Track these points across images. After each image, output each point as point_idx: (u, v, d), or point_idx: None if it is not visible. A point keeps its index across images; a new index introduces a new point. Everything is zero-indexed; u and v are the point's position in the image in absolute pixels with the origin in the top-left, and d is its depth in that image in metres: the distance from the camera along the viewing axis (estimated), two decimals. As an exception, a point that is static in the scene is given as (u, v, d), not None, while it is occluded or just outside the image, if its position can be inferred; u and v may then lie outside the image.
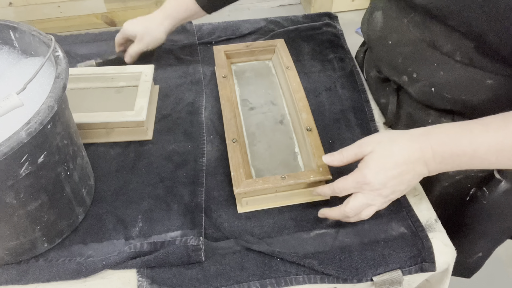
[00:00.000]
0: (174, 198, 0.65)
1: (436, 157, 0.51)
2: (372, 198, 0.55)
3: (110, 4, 2.07)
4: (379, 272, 0.57)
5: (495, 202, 0.67)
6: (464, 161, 0.50)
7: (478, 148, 0.48)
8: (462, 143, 0.49)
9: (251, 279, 0.56)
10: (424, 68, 0.62)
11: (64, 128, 0.53)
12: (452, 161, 0.51)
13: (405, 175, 0.53)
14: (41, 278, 0.57)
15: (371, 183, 0.53)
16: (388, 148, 0.53)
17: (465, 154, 0.49)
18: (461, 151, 0.49)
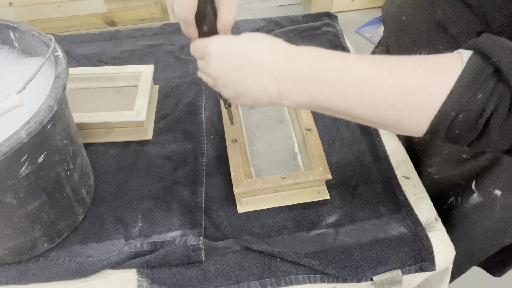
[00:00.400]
0: (174, 197, 0.65)
1: (294, 75, 0.42)
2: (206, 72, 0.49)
3: (110, 4, 2.06)
4: (379, 271, 0.57)
5: (464, 216, 0.66)
6: (325, 91, 0.41)
7: (344, 76, 0.40)
8: (328, 66, 0.41)
9: (251, 279, 0.56)
10: (429, 50, 0.60)
11: (64, 128, 0.53)
12: (310, 86, 0.42)
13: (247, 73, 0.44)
14: (41, 278, 0.57)
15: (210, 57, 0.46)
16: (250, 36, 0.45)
17: (328, 80, 0.41)
18: (323, 76, 0.41)
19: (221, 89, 0.48)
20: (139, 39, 0.94)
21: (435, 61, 0.39)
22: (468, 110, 0.37)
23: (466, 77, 0.36)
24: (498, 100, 0.36)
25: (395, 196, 0.65)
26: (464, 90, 0.36)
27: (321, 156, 0.63)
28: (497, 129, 0.37)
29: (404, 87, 0.38)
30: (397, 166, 0.69)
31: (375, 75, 0.40)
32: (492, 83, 0.36)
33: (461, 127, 0.38)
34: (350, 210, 0.63)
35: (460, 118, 0.37)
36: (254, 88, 0.44)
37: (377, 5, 2.41)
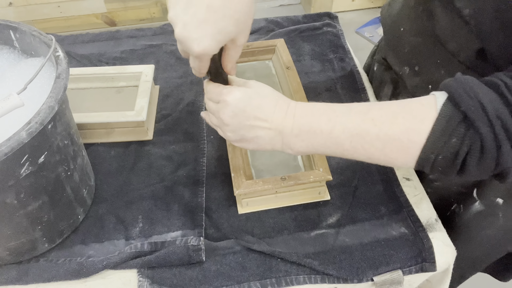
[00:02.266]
0: (175, 198, 0.65)
1: (295, 128, 0.48)
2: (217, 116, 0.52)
3: (110, 4, 2.06)
4: (380, 272, 0.57)
5: (466, 223, 0.66)
6: (320, 140, 0.47)
7: (334, 128, 0.46)
8: (321, 119, 0.47)
9: (251, 279, 0.56)
10: (427, 63, 0.61)
11: (64, 128, 0.53)
12: (308, 137, 0.48)
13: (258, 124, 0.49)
14: (41, 278, 0.57)
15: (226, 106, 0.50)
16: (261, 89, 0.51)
17: (321, 131, 0.47)
18: (318, 128, 0.47)
19: (227, 133, 0.52)
20: (140, 39, 0.94)
21: (413, 109, 0.43)
22: (445, 152, 0.41)
23: (440, 124, 0.41)
24: (470, 143, 0.40)
25: (396, 197, 0.65)
26: (439, 136, 0.41)
27: (321, 157, 0.63)
28: (474, 167, 0.41)
29: (387, 135, 0.43)
30: (397, 167, 0.69)
31: (361, 125, 0.45)
32: (464, 128, 0.40)
33: (442, 165, 0.43)
34: (351, 210, 0.63)
35: (440, 158, 0.42)
36: (261, 138, 0.50)
37: (377, 5, 2.41)
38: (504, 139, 0.39)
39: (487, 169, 0.41)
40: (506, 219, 0.64)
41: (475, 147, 0.40)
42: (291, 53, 0.83)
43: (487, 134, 0.39)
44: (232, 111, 0.50)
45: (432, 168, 0.43)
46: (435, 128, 0.41)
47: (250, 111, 0.49)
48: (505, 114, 0.39)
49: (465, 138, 0.40)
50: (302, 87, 0.74)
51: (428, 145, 0.42)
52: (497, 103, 0.39)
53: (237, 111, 0.49)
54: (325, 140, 0.47)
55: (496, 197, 0.62)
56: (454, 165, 0.42)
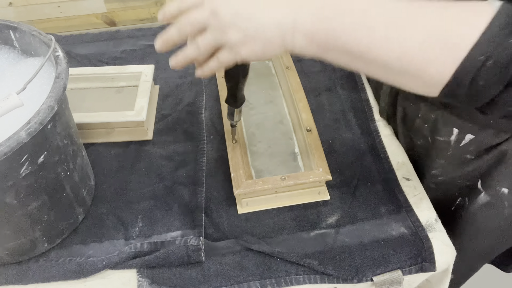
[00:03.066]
0: (174, 198, 0.65)
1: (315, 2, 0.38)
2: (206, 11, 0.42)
3: (110, 4, 2.06)
4: (379, 272, 0.57)
5: (472, 216, 0.66)
6: (347, 21, 0.38)
7: (371, 8, 0.37)
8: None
9: (251, 279, 0.56)
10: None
11: (64, 128, 0.53)
12: (333, 14, 0.38)
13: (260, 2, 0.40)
14: (41, 278, 0.57)
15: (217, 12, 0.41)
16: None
17: (352, 10, 0.37)
18: (348, 5, 0.38)
19: (228, 32, 0.41)
20: (140, 39, 0.94)
21: (467, 4, 0.36)
22: (499, 54, 0.34)
23: (498, 19, 0.34)
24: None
25: (395, 197, 0.65)
26: (496, 33, 0.34)
27: (321, 157, 0.63)
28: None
29: (434, 26, 0.36)
30: (397, 167, 0.69)
31: (405, 10, 0.37)
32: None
33: (488, 76, 0.35)
34: (350, 210, 0.63)
35: (489, 64, 0.35)
36: (266, 24, 0.40)
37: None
38: None
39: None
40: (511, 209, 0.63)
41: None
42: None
43: None
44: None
45: (472, 82, 0.35)
46: (493, 23, 0.34)
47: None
48: None
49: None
50: (302, 87, 0.74)
51: (481, 42, 0.34)
52: None
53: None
54: (354, 22, 0.37)
55: (502, 187, 0.61)
56: (504, 75, 0.35)
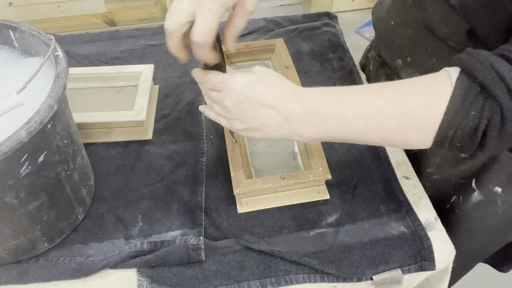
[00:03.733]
0: (174, 197, 0.65)
1: (304, 114, 0.47)
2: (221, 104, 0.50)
3: (110, 4, 2.06)
4: (379, 271, 0.57)
5: (466, 214, 0.66)
6: (332, 124, 0.46)
7: (347, 110, 0.44)
8: (333, 102, 0.45)
9: (251, 278, 0.56)
10: (419, 53, 0.62)
11: (64, 128, 0.53)
12: (318, 122, 0.46)
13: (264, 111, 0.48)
14: (41, 277, 0.57)
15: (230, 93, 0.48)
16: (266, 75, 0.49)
17: (333, 115, 0.45)
18: (329, 111, 0.45)
19: (233, 121, 0.50)
20: (139, 39, 0.94)
21: (427, 85, 0.42)
22: (464, 126, 0.40)
23: (457, 97, 0.40)
24: (489, 114, 0.39)
25: (395, 196, 0.65)
26: (457, 110, 0.40)
27: (320, 156, 0.63)
28: (495, 139, 0.40)
29: (403, 113, 0.42)
30: (397, 166, 0.69)
31: (375, 104, 0.43)
32: (482, 100, 0.39)
33: (461, 141, 0.41)
34: (350, 209, 0.63)
35: (459, 133, 0.40)
36: (268, 125, 0.48)
37: (377, 5, 2.41)
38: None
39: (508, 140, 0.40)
40: (505, 207, 0.64)
41: (495, 118, 0.38)
42: (291, 52, 0.83)
43: (508, 103, 0.37)
44: (236, 98, 0.48)
45: (450, 145, 0.42)
46: (452, 102, 0.40)
47: (255, 97, 0.47)
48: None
49: (484, 110, 0.39)
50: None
51: (446, 120, 0.40)
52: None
53: (241, 98, 0.48)
54: (337, 124, 0.45)
55: (495, 185, 0.62)
56: (474, 139, 0.40)
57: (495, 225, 0.65)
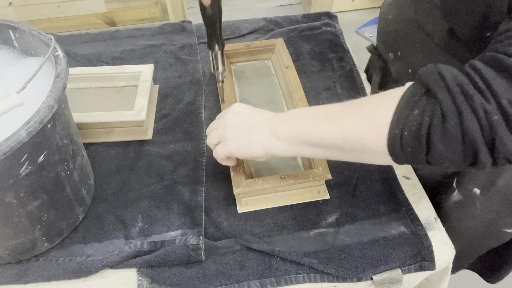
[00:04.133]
0: (174, 197, 0.65)
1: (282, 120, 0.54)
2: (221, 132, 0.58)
3: (110, 4, 2.06)
4: (379, 271, 0.57)
5: (447, 214, 0.67)
6: (303, 123, 0.51)
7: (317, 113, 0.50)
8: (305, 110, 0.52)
9: (251, 278, 0.56)
10: (408, 47, 0.64)
11: (64, 128, 0.53)
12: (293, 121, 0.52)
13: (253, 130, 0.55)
14: (41, 277, 0.57)
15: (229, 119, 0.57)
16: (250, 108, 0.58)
17: (305, 116, 0.51)
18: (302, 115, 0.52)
19: (230, 143, 0.57)
20: (139, 39, 0.94)
21: (386, 93, 0.45)
22: (409, 126, 0.41)
23: (404, 98, 0.42)
24: (431, 112, 0.40)
25: (395, 196, 0.65)
26: (403, 109, 0.42)
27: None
28: (440, 141, 0.40)
29: (361, 113, 0.46)
30: (396, 166, 0.69)
31: (340, 108, 0.49)
32: (425, 100, 0.41)
33: (409, 144, 0.42)
34: (350, 209, 0.63)
35: (405, 134, 0.41)
36: (254, 141, 0.55)
37: (377, 5, 2.41)
38: (464, 104, 0.37)
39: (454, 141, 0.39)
40: (483, 210, 0.65)
41: (437, 116, 0.39)
42: (291, 52, 0.83)
43: (445, 99, 0.38)
44: (233, 121, 0.57)
45: (402, 148, 0.42)
46: (400, 102, 0.42)
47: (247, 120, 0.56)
48: (465, 82, 0.38)
49: (426, 108, 0.40)
50: (301, 87, 0.74)
51: (394, 119, 0.42)
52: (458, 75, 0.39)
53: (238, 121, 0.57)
54: (306, 122, 0.50)
55: (474, 187, 0.63)
56: (420, 140, 0.41)
57: (473, 228, 0.66)
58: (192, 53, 0.91)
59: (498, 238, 0.67)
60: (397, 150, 0.43)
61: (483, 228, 0.67)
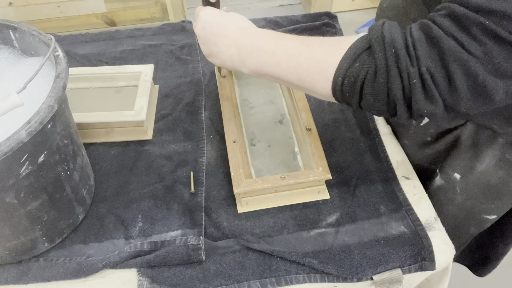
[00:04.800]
0: (174, 197, 0.65)
1: (248, 47, 0.55)
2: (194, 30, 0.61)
3: (110, 4, 2.06)
4: (379, 271, 0.57)
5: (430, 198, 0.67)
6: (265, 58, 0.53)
7: (278, 49, 0.52)
8: (270, 41, 0.54)
9: (251, 278, 0.56)
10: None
11: (64, 128, 0.53)
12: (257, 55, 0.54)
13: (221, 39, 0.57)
14: (41, 277, 0.57)
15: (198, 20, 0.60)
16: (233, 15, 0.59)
17: (267, 51, 0.53)
18: (265, 47, 0.53)
19: (201, 45, 0.60)
20: (139, 39, 0.94)
21: (341, 40, 0.49)
22: (349, 76, 0.46)
23: (350, 49, 0.46)
24: (367, 68, 0.44)
25: (395, 196, 0.65)
26: (347, 60, 0.45)
27: (321, 156, 0.63)
28: (369, 93, 0.45)
29: (313, 57, 0.49)
30: (397, 166, 0.69)
31: (298, 48, 0.51)
32: (366, 55, 0.45)
33: (347, 90, 0.47)
34: (350, 209, 0.63)
35: (345, 83, 0.46)
36: (223, 53, 0.57)
37: (377, 5, 2.41)
38: (393, 66, 0.42)
39: (380, 95, 0.44)
40: (464, 196, 0.66)
41: (371, 72, 0.44)
42: (291, 52, 0.83)
43: (380, 58, 0.43)
44: (201, 24, 0.59)
45: (341, 93, 0.48)
46: (347, 52, 0.46)
47: (216, 27, 0.57)
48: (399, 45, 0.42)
49: (364, 63, 0.44)
50: (301, 87, 0.74)
51: (338, 67, 0.46)
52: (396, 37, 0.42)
53: (205, 25, 0.58)
54: (268, 58, 0.53)
55: (454, 172, 0.65)
56: (355, 90, 0.46)
57: (455, 214, 0.67)
58: (192, 53, 0.91)
59: (479, 224, 0.68)
60: (338, 94, 0.48)
61: (464, 214, 0.68)
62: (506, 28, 0.38)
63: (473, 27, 0.39)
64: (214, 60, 0.60)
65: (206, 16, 0.58)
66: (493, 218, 0.66)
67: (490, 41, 0.38)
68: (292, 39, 0.53)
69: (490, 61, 0.39)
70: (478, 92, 0.41)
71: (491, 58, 0.39)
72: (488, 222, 0.67)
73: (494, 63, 0.39)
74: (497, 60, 0.39)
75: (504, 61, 0.39)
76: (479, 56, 0.39)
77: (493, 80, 0.40)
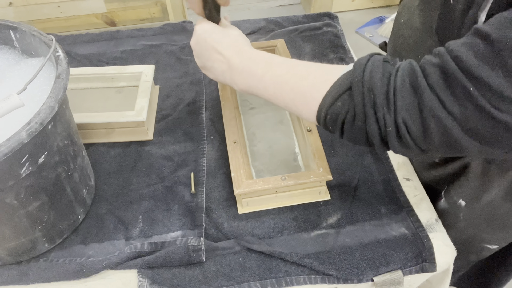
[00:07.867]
0: (175, 198, 0.65)
1: (238, 68, 0.56)
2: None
3: (110, 4, 2.06)
4: (380, 272, 0.57)
5: None
6: (254, 82, 0.54)
7: (266, 74, 0.53)
8: (260, 65, 0.54)
9: (251, 280, 0.56)
10: (412, 56, 0.63)
11: (64, 128, 0.53)
12: (247, 76, 0.55)
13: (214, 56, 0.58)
14: (41, 278, 0.57)
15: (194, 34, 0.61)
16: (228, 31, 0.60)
17: (256, 74, 0.54)
18: (255, 71, 0.54)
19: (195, 57, 0.62)
20: (140, 39, 0.94)
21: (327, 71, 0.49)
22: (331, 113, 0.47)
23: (333, 88, 0.46)
24: (347, 109, 0.45)
25: (396, 197, 0.65)
26: (329, 98, 0.46)
27: (321, 157, 0.63)
28: (349, 131, 0.46)
29: (298, 88, 0.50)
30: (397, 167, 0.69)
31: (284, 76, 0.52)
32: (347, 95, 0.45)
33: (330, 124, 0.48)
34: (351, 211, 0.63)
35: (328, 118, 0.48)
36: (216, 68, 0.59)
37: (377, 5, 2.41)
38: (370, 113, 0.43)
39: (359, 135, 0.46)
40: (466, 223, 0.65)
41: (350, 114, 0.45)
42: (291, 53, 0.83)
43: (358, 103, 0.44)
44: (196, 39, 0.60)
45: (324, 124, 0.49)
46: (329, 90, 0.47)
47: (209, 42, 0.58)
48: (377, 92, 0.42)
49: (345, 104, 0.45)
50: (302, 87, 0.74)
51: (321, 103, 0.47)
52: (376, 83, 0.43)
53: (200, 40, 0.59)
54: (257, 83, 0.54)
55: (459, 198, 0.64)
56: (337, 126, 0.47)
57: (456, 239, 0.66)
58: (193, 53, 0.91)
59: (479, 253, 0.68)
60: (322, 125, 0.50)
61: (464, 241, 0.67)
62: (489, 100, 0.37)
63: (458, 88, 0.38)
64: (207, 73, 0.61)
65: (201, 31, 0.59)
66: (494, 248, 0.66)
67: (471, 106, 0.38)
68: (280, 65, 0.54)
69: (467, 124, 0.39)
70: (452, 146, 0.41)
71: (469, 122, 0.39)
72: (489, 251, 0.67)
73: (472, 127, 0.39)
74: (475, 125, 0.39)
75: (481, 128, 0.39)
76: (458, 117, 0.39)
77: (468, 140, 0.40)
